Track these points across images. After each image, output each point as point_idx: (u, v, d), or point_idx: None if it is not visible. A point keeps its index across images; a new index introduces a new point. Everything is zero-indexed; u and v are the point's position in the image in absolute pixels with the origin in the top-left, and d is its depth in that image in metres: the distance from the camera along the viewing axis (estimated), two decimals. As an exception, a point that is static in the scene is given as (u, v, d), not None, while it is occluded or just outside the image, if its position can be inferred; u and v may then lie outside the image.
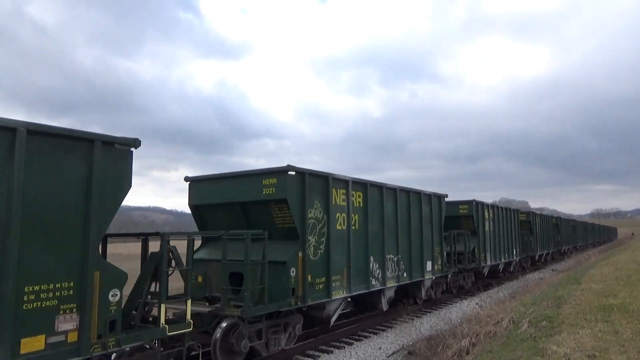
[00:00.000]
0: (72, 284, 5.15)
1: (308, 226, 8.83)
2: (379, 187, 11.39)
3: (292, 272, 8.43)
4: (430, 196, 13.97)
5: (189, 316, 6.44)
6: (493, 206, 20.02)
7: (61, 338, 5.03)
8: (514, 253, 22.31)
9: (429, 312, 13.53)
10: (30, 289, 4.81)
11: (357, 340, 10.16)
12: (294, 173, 8.67)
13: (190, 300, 6.54)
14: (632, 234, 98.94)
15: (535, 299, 11.12)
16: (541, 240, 28.25)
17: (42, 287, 4.90)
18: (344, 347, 9.50)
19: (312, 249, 8.89)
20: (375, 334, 10.78)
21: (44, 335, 4.89)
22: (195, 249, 9.77)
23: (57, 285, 5.03)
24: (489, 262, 18.60)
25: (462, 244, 16.68)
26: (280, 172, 8.59)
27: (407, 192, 12.66)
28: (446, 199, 15.35)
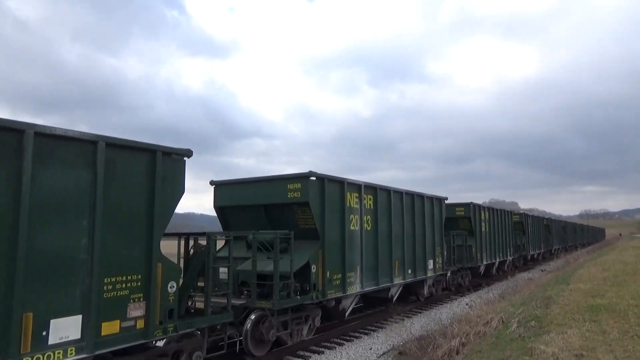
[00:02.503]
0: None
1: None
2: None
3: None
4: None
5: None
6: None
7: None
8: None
9: (420, 313, 13.70)
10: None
11: (347, 340, 10.22)
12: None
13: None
14: (620, 235, 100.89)
15: (524, 299, 11.17)
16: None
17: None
18: (335, 348, 9.56)
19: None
20: (366, 334, 10.85)
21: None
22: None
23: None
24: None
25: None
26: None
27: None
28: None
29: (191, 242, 7.51)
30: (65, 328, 5.16)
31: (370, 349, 9.57)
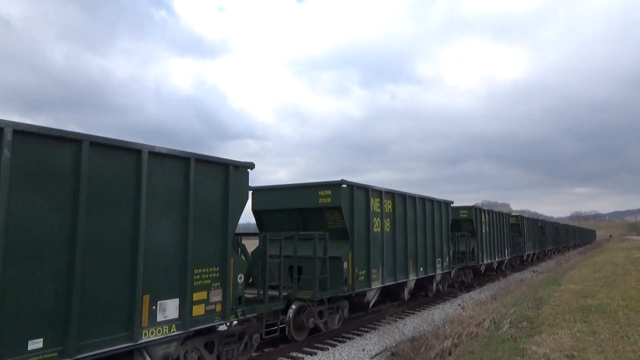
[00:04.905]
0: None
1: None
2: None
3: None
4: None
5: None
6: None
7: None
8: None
9: (412, 314, 13.96)
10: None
11: (340, 342, 10.32)
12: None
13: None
14: (610, 236, 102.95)
15: (516, 300, 11.27)
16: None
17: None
18: (328, 349, 9.67)
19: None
20: (359, 335, 11.00)
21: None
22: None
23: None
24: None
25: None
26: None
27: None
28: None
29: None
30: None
31: (363, 350, 9.72)
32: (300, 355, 9.26)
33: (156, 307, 6.23)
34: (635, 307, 8.60)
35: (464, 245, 19.02)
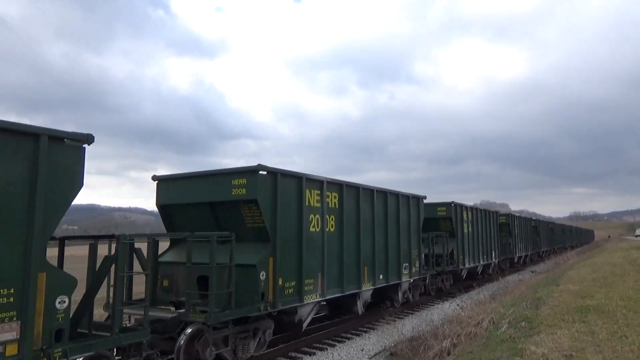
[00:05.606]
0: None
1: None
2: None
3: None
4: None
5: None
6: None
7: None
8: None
9: (411, 314, 13.55)
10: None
11: (339, 342, 10.10)
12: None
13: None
14: (609, 237, 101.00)
15: (515, 300, 11.21)
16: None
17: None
18: (327, 349, 9.45)
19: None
20: (357, 335, 10.78)
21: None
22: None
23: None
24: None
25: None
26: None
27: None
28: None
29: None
30: None
31: (362, 350, 9.53)
32: (299, 355, 9.05)
33: None
34: (633, 307, 8.56)
35: (440, 248, 16.56)
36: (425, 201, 15.12)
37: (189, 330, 7.23)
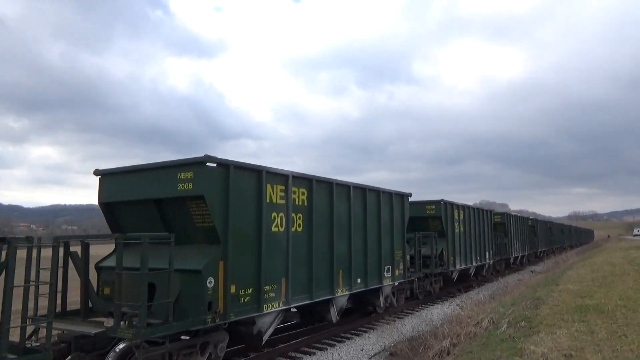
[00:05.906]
0: None
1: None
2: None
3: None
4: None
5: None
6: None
7: None
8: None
9: (411, 314, 13.51)
10: None
11: (339, 341, 10.11)
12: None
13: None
14: (608, 236, 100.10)
15: (515, 300, 11.22)
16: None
17: None
18: (326, 349, 9.46)
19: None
20: (357, 335, 10.80)
21: None
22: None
23: None
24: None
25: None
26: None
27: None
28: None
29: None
30: None
31: (362, 350, 9.55)
32: (298, 355, 9.04)
33: None
34: (633, 306, 8.56)
35: (428, 248, 15.53)
36: (415, 199, 14.10)
37: (118, 349, 6.23)
